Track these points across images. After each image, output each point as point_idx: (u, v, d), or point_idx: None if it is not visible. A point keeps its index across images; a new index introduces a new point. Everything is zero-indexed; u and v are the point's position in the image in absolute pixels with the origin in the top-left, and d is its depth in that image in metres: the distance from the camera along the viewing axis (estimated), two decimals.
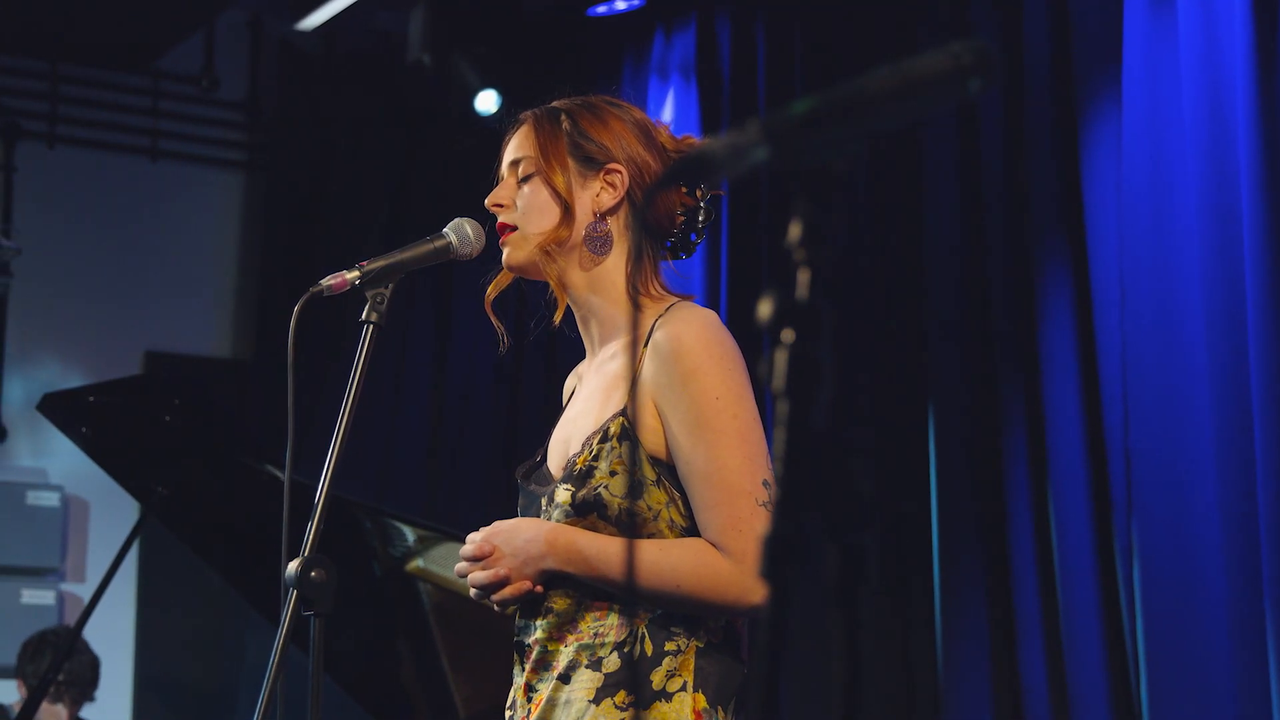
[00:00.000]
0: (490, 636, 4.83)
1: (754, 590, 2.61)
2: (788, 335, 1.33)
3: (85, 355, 8.13)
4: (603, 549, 2.67)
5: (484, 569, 2.75)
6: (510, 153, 2.89)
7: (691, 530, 2.69)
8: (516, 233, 2.86)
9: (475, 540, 2.78)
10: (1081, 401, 5.19)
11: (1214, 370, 4.72)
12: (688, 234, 2.91)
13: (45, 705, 6.47)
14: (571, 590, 2.74)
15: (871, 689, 5.55)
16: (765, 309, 1.34)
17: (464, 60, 7.13)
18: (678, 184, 2.82)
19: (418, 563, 5.14)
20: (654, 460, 2.70)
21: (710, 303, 6.43)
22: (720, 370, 2.68)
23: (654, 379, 2.71)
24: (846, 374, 5.69)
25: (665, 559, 2.64)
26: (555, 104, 2.91)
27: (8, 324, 8.04)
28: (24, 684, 6.62)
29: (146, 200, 8.39)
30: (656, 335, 2.72)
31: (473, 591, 2.78)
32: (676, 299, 2.83)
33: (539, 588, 2.76)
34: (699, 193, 2.90)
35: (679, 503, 2.69)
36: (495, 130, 2.99)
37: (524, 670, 2.80)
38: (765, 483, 2.65)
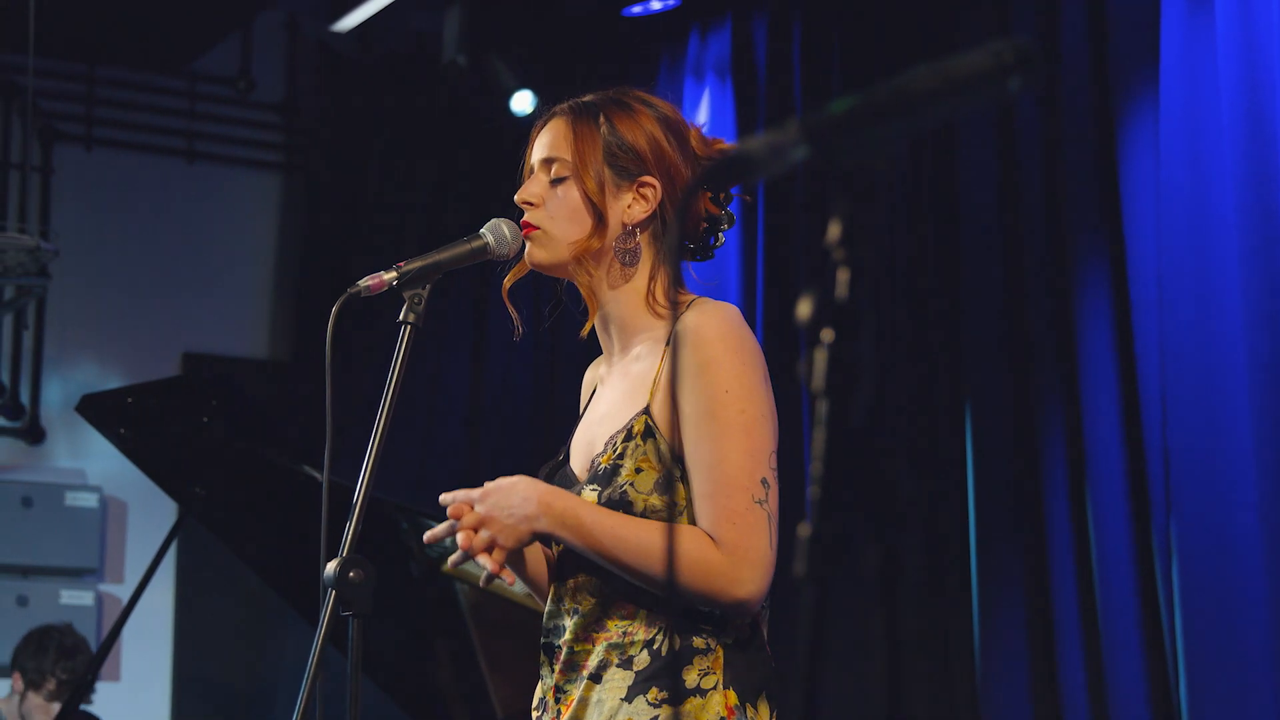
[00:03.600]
0: (527, 636, 4.84)
1: (741, 583, 2.62)
2: (827, 335, 1.32)
3: (123, 357, 8.16)
4: (600, 520, 2.68)
5: (467, 529, 2.72)
6: (543, 149, 2.88)
7: None
8: (541, 232, 2.85)
9: (456, 499, 2.74)
10: (1120, 401, 5.17)
11: (1253, 368, 4.70)
12: (708, 239, 2.92)
13: (41, 702, 6.52)
14: (597, 591, 2.75)
15: (910, 689, 5.54)
16: (805, 308, 1.33)
17: (500, 61, 7.14)
18: (715, 185, 2.81)
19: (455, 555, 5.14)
20: (678, 457, 2.71)
21: (746, 303, 6.42)
22: (735, 364, 2.68)
23: (674, 371, 2.74)
24: (884, 374, 5.68)
25: (659, 542, 2.65)
26: (590, 99, 2.89)
27: (46, 326, 8.07)
28: (21, 677, 6.64)
29: (184, 202, 8.42)
30: (678, 328, 2.73)
31: (454, 556, 2.74)
32: (693, 297, 2.83)
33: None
34: (722, 197, 2.90)
35: None
36: (531, 130, 2.98)
37: (553, 672, 2.80)
38: (764, 481, 2.66)
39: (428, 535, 2.80)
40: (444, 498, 2.77)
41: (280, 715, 7.99)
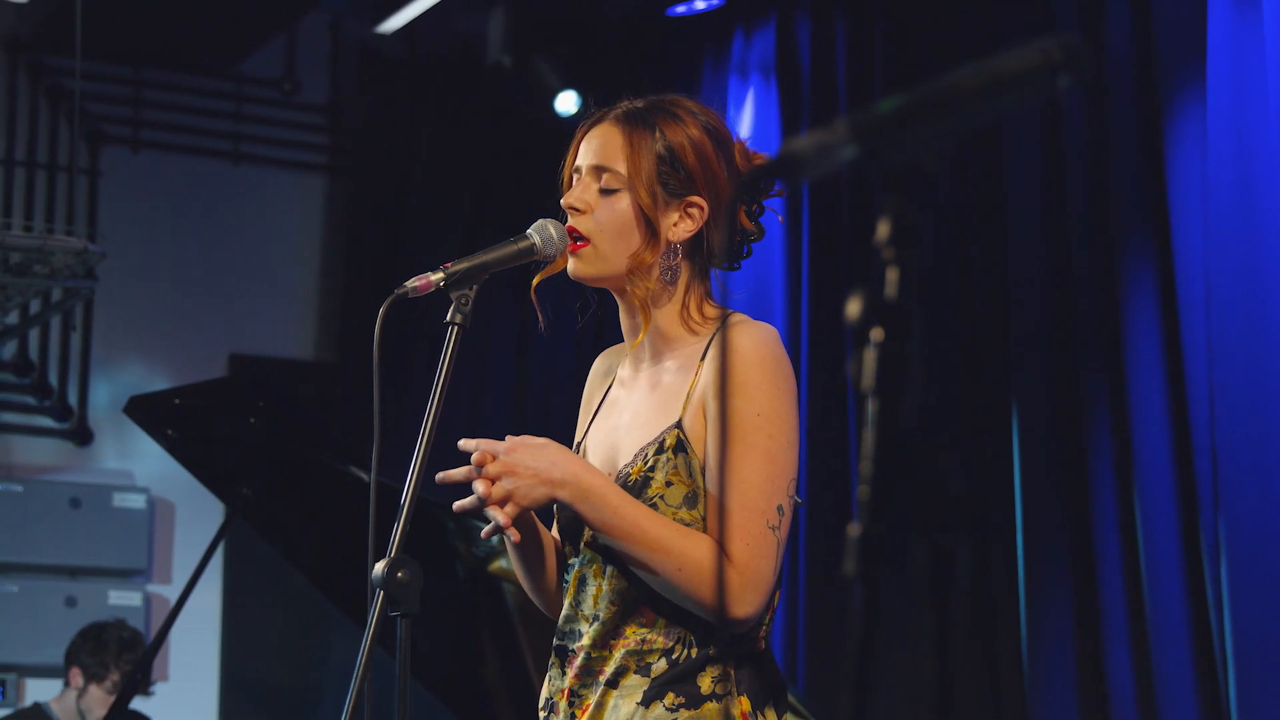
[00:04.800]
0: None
1: (743, 602, 2.66)
2: (877, 334, 1.32)
3: (170, 358, 8.20)
4: (623, 505, 2.70)
5: (486, 478, 2.72)
6: (593, 155, 2.86)
7: None
8: (590, 248, 2.84)
9: (480, 445, 2.74)
10: (1167, 399, 5.15)
11: None
12: (740, 246, 2.93)
13: (103, 695, 6.55)
14: (619, 600, 2.77)
15: (958, 690, 5.53)
16: (854, 308, 1.33)
17: (544, 61, 7.14)
18: (764, 186, 2.82)
19: (501, 563, 5.15)
20: (706, 471, 2.74)
21: (791, 306, 6.42)
22: (768, 388, 2.70)
23: (708, 384, 2.75)
24: (932, 374, 5.67)
25: (676, 541, 2.68)
26: (642, 106, 2.87)
27: (93, 328, 8.11)
28: (82, 673, 6.67)
29: (229, 204, 8.45)
30: (727, 341, 2.77)
31: (472, 498, 2.72)
32: (725, 311, 2.86)
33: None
34: (755, 209, 2.91)
35: None
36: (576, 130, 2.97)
37: (565, 675, 2.82)
38: (780, 508, 2.69)
39: (457, 505, 2.80)
40: (465, 443, 2.75)
41: (326, 715, 8.01)
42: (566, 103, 7.16)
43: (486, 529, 2.75)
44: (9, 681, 7.69)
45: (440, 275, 2.78)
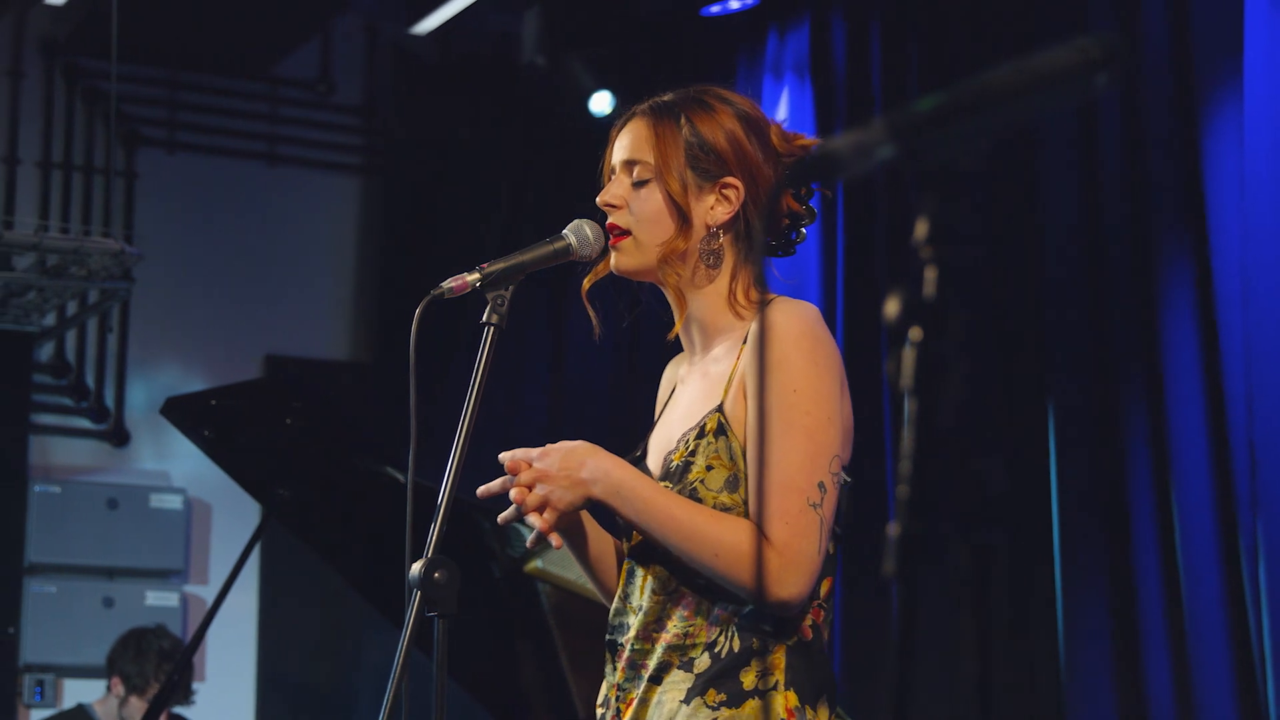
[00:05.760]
0: (607, 635, 4.84)
1: (785, 584, 2.61)
2: (916, 334, 1.32)
3: (206, 359, 8.22)
4: (654, 497, 2.69)
5: (521, 486, 2.74)
6: (624, 150, 2.87)
7: None
8: (629, 239, 2.85)
9: (515, 456, 2.77)
10: (1204, 397, 5.13)
11: None
12: (790, 235, 2.91)
13: (144, 705, 6.54)
14: (661, 590, 2.76)
15: (996, 689, 5.52)
16: (893, 308, 1.33)
17: (578, 62, 7.15)
18: (801, 184, 2.81)
19: (536, 563, 5.15)
20: (747, 453, 2.72)
21: (826, 301, 6.41)
22: (805, 364, 2.68)
23: (749, 367, 2.73)
24: (970, 373, 5.65)
25: (711, 528, 2.65)
26: (669, 98, 2.89)
27: (130, 329, 8.14)
28: (123, 681, 6.67)
29: (265, 205, 8.47)
30: (756, 325, 2.75)
31: (512, 508, 2.74)
32: (772, 296, 2.84)
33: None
34: (803, 193, 2.89)
35: None
36: (610, 130, 2.97)
37: (615, 670, 2.81)
38: (821, 485, 2.65)
39: (500, 518, 2.80)
40: (503, 456, 2.78)
41: (363, 716, 8.03)
42: (601, 103, 7.16)
43: (530, 537, 2.76)
44: (47, 681, 7.73)
45: (476, 276, 2.78)
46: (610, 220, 2.86)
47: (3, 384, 7.78)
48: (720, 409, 2.74)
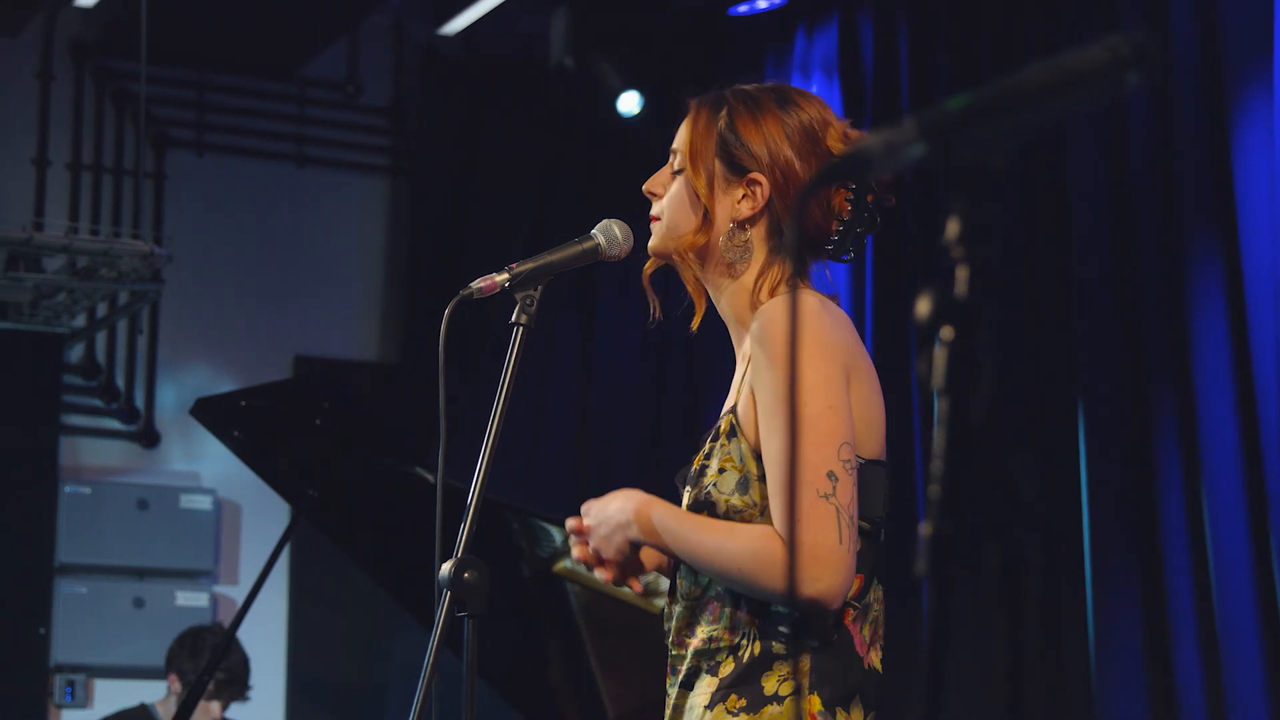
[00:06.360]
0: (638, 637, 4.84)
1: (810, 581, 2.56)
2: (947, 333, 1.31)
3: (235, 360, 8.24)
4: (681, 527, 2.69)
5: (580, 544, 2.82)
6: (675, 139, 2.88)
7: None
8: (659, 223, 2.86)
9: (574, 521, 2.85)
10: (1235, 397, 5.11)
11: None
12: (847, 239, 2.81)
13: (202, 702, 6.53)
14: (687, 595, 2.76)
15: (1025, 690, 5.50)
16: (924, 307, 1.33)
17: (606, 62, 7.15)
18: (832, 184, 2.76)
19: (565, 563, 5.15)
20: (758, 454, 2.69)
21: (855, 300, 6.40)
22: (793, 355, 2.66)
23: (750, 369, 2.71)
24: (1000, 372, 5.64)
25: (730, 544, 2.63)
26: (728, 91, 2.86)
27: (160, 330, 8.17)
28: (179, 679, 6.69)
29: (294, 206, 8.49)
30: (752, 325, 2.71)
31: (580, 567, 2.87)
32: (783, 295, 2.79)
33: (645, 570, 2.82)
34: (869, 199, 2.79)
35: None
36: (638, 130, 2.98)
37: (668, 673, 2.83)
38: (830, 474, 2.58)
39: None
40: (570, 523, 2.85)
41: (393, 716, 8.04)
42: (629, 103, 7.16)
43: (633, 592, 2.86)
44: (77, 682, 7.75)
45: (505, 276, 2.78)
46: (653, 207, 2.88)
47: (33, 385, 7.80)
48: (734, 410, 2.73)
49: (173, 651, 6.76)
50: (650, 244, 2.87)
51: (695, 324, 2.91)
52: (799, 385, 2.63)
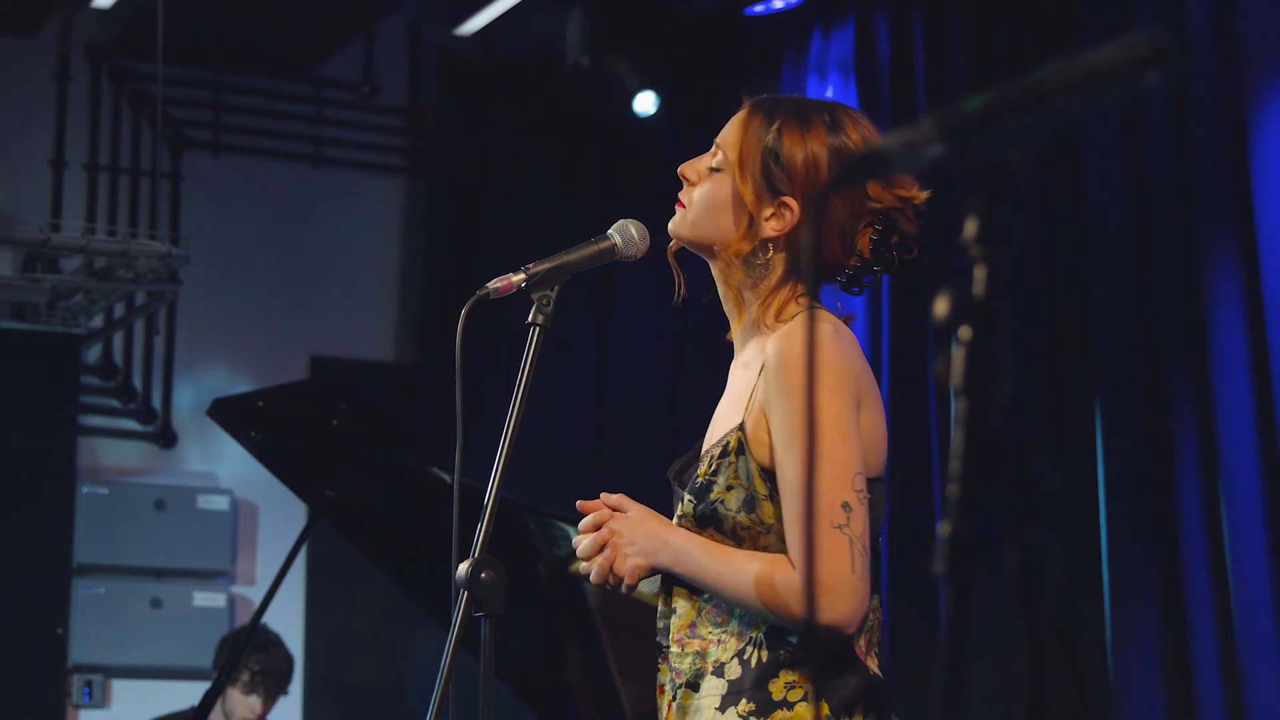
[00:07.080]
0: (655, 636, 4.84)
1: (825, 610, 2.61)
2: (965, 332, 1.31)
3: (252, 360, 8.25)
4: (700, 558, 2.72)
5: (594, 540, 2.83)
6: (722, 133, 2.86)
7: None
8: (684, 211, 2.85)
9: (591, 509, 2.86)
10: (1253, 395, 5.10)
11: None
12: (860, 276, 2.85)
13: (240, 696, 6.51)
14: (690, 597, 2.77)
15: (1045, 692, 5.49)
16: (942, 306, 1.32)
17: (622, 62, 7.15)
18: (852, 182, 2.74)
19: (582, 563, 5.15)
20: (766, 474, 2.71)
21: (872, 298, 6.39)
22: (808, 385, 2.67)
23: (765, 392, 2.71)
24: (1018, 372, 5.64)
25: (745, 577, 2.67)
26: (783, 100, 2.85)
27: (177, 330, 8.17)
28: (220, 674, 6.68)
29: (310, 206, 8.49)
30: (769, 348, 2.71)
31: (582, 560, 2.85)
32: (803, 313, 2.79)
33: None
34: (895, 241, 2.82)
35: None
36: (654, 130, 2.97)
37: (660, 670, 2.84)
38: (845, 505, 2.62)
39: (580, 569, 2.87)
40: (581, 505, 2.86)
41: (410, 716, 8.04)
42: (645, 103, 7.16)
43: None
44: (95, 682, 7.76)
45: (521, 276, 2.79)
46: (680, 194, 2.87)
47: (51, 386, 7.81)
48: (742, 427, 2.74)
49: (216, 652, 6.74)
50: (673, 226, 2.86)
51: (731, 334, 2.91)
52: (819, 413, 2.65)
